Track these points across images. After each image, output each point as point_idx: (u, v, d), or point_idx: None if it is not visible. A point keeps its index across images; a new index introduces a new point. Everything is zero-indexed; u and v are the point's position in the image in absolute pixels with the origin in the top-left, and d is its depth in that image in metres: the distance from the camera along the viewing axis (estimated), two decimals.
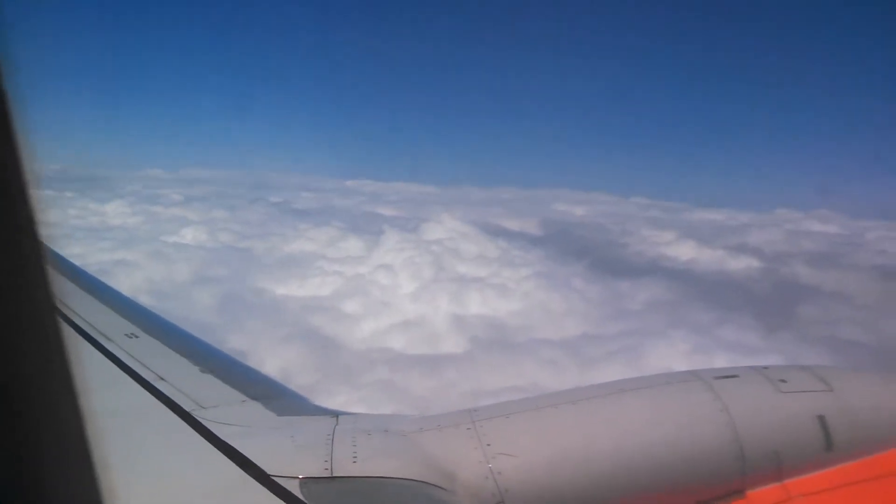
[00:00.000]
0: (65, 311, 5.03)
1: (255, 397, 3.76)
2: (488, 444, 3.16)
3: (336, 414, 3.52)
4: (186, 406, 3.56)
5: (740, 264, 65.34)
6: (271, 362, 30.36)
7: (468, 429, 3.25)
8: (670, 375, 3.65)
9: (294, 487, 2.78)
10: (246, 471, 2.89)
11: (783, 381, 3.56)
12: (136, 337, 4.67)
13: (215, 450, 3.08)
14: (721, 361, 30.21)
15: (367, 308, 43.85)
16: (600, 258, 66.05)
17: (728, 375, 3.61)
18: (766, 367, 3.75)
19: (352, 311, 43.37)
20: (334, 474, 2.89)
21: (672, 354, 31.36)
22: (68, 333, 3.69)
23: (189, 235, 63.20)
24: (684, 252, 73.72)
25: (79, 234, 56.85)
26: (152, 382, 3.86)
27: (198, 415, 3.46)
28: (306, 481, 2.84)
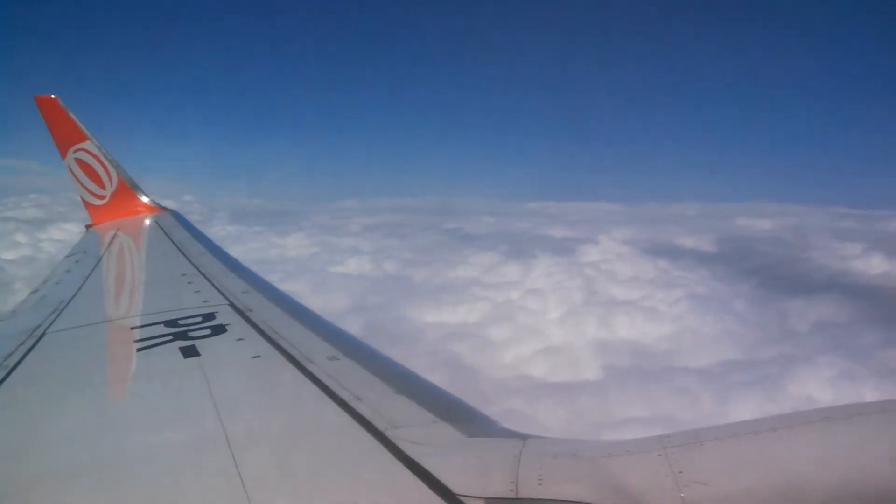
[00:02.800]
0: (272, 335, 5.63)
1: (445, 418, 3.85)
2: (680, 472, 2.94)
3: (524, 437, 3.55)
4: (380, 426, 3.72)
5: None
6: None
7: (659, 455, 3.06)
8: (886, 403, 3.31)
9: None
10: (434, 489, 3.01)
11: None
12: (337, 359, 5.00)
13: (405, 468, 3.22)
14: (871, 391, 27.49)
15: (512, 334, 43.65)
16: (774, 275, 62.18)
17: None
18: None
19: (496, 338, 43.37)
20: (519, 496, 2.92)
21: (816, 382, 28.90)
22: (275, 358, 4.94)
23: (353, 265, 65.91)
24: (874, 266, 67.67)
25: (255, 266, 60.74)
26: (349, 402, 4.10)
27: (391, 434, 3.61)
28: (492, 501, 2.91)
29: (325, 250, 77.75)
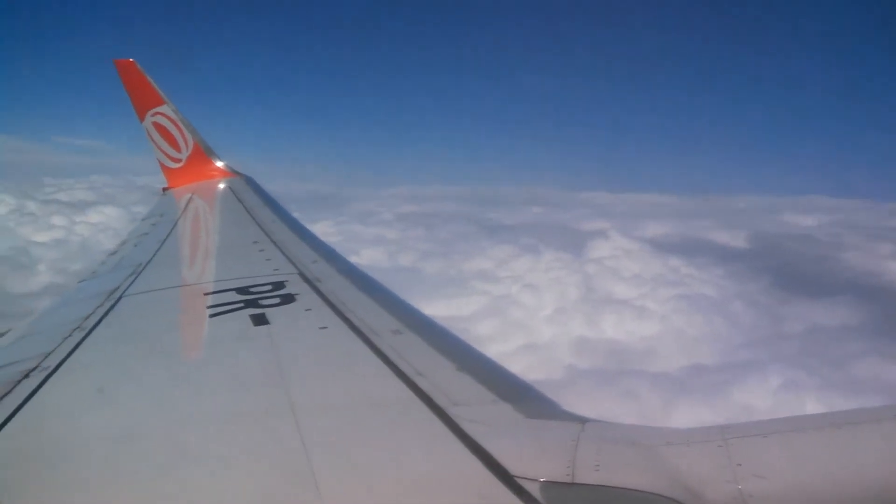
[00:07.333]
0: (339, 306, 5.69)
1: (505, 398, 3.80)
2: (739, 464, 2.89)
3: (583, 420, 3.47)
4: (440, 402, 3.70)
5: None
6: None
7: (719, 446, 3.01)
8: None
9: (535, 490, 2.86)
10: (490, 469, 3.00)
11: None
12: (401, 333, 5.00)
13: (463, 446, 3.22)
14: (813, 403, 26.65)
15: (500, 330, 43.51)
16: (793, 274, 60.43)
17: None
18: None
19: (483, 333, 43.17)
20: (575, 480, 2.91)
21: (761, 392, 28.20)
22: (341, 329, 5.08)
23: (368, 255, 65.93)
24: None
25: None
26: (411, 377, 4.08)
27: (450, 411, 3.58)
28: (547, 485, 2.89)
29: (347, 239, 76.86)
